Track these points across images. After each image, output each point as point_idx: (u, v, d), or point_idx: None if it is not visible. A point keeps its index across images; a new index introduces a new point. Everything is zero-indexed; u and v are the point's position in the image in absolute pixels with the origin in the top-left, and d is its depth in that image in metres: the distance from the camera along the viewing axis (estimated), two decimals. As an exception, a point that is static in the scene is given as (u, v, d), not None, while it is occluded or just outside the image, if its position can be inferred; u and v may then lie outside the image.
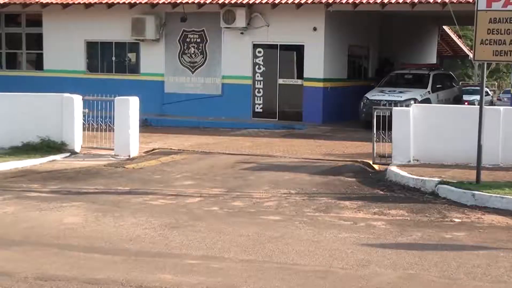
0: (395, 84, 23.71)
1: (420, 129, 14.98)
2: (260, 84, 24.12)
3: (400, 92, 22.59)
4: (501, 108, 15.91)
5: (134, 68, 26.08)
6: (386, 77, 24.67)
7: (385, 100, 21.50)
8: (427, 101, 22.19)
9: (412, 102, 20.29)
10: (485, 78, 13.53)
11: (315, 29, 23.20)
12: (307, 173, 14.56)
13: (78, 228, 9.88)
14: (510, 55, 11.99)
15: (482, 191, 11.60)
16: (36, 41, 27.06)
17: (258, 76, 24.07)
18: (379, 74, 27.31)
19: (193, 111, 24.33)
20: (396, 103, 20.13)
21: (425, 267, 8.06)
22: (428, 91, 23.31)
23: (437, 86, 24.14)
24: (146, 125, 22.14)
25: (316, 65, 23.26)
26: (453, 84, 27.02)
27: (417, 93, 22.72)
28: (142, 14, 24.76)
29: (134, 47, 25.88)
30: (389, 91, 22.67)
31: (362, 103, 22.47)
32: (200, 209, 11.16)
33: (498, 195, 11.37)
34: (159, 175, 14.28)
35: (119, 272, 7.73)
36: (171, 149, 17.87)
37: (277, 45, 24.01)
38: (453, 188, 12.00)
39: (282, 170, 14.86)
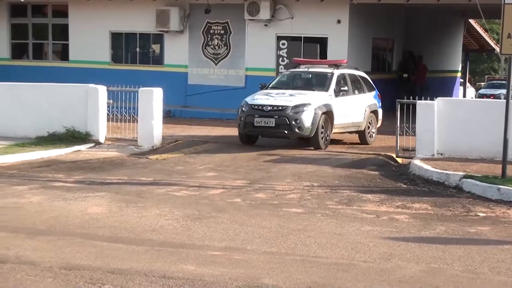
0: (288, 85, 18.26)
1: (445, 123, 14.90)
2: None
3: (291, 95, 16.98)
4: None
5: (158, 60, 26.11)
6: (277, 77, 19.59)
7: (270, 106, 16.38)
8: (327, 107, 16.90)
9: (305, 108, 16.25)
10: None
11: (339, 21, 23.10)
12: (330, 166, 14.54)
13: (102, 218, 9.94)
14: (537, 49, 11.90)
15: (508, 186, 11.53)
16: (62, 32, 27.14)
17: (281, 68, 23.99)
18: (403, 67, 27.17)
19: (216, 102, 24.32)
20: (284, 109, 16.23)
21: (448, 261, 8.03)
22: (330, 95, 17.30)
23: (342, 89, 17.80)
24: (169, 116, 22.21)
25: (340, 57, 23.08)
26: (367, 89, 19.30)
27: (314, 97, 16.92)
28: (166, 6, 24.78)
29: (158, 38, 25.91)
30: (277, 94, 17.09)
31: (240, 109, 16.96)
32: (223, 200, 11.18)
33: (524, 190, 11.32)
34: (182, 166, 14.32)
35: (142, 263, 7.77)
36: (194, 140, 17.91)
37: (301, 37, 23.91)
38: (478, 182, 11.93)
39: (304, 162, 14.86)
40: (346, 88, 17.79)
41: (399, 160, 15.16)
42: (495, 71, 57.20)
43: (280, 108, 16.32)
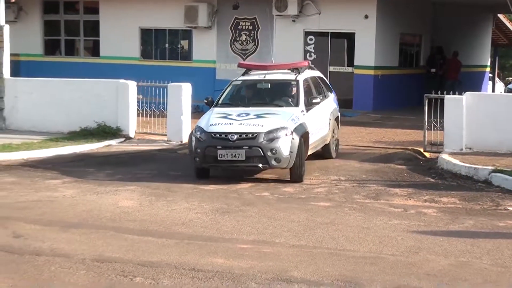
0: (244, 100, 13.99)
1: (473, 117, 14.78)
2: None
3: (258, 116, 12.66)
4: (556, 96, 15.65)
5: (187, 55, 26.16)
6: (226, 88, 14.28)
7: (236, 133, 12.15)
8: (303, 128, 12.68)
9: (280, 134, 12.16)
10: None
11: (366, 17, 22.99)
12: (357, 160, 14.51)
13: (133, 211, 10.02)
14: None
15: (537, 180, 11.46)
16: (93, 28, 27.28)
17: (309, 62, 23.94)
18: (431, 63, 27.00)
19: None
20: (255, 137, 12.11)
21: (477, 255, 7.99)
22: (302, 111, 13.19)
23: (314, 101, 13.75)
24: (198, 112, 22.18)
25: (367, 53, 23.06)
26: (327, 91, 15.55)
27: (286, 117, 12.72)
28: (194, 2, 24.80)
29: (187, 34, 25.95)
30: (239, 116, 12.76)
31: (192, 137, 12.68)
32: (251, 194, 11.22)
33: (553, 185, 11.22)
34: (211, 160, 14.34)
35: (172, 255, 7.83)
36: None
37: (328, 32, 23.84)
38: (507, 176, 11.84)
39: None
40: (317, 99, 13.82)
41: (427, 154, 15.07)
42: (524, 66, 56.61)
43: (250, 136, 12.16)
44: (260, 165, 12.21)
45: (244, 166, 12.34)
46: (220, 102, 13.76)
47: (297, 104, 13.33)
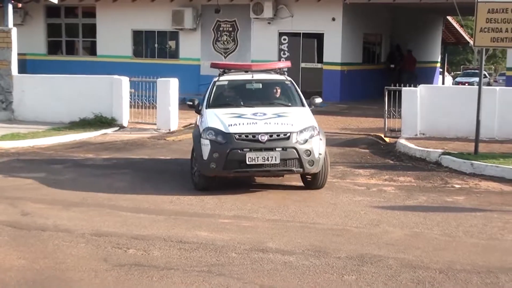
0: (241, 99, 11.19)
1: (426, 107, 14.89)
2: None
3: (277, 115, 10.24)
4: (497, 88, 15.79)
5: (174, 54, 26.10)
6: (210, 89, 11.38)
7: (266, 133, 9.63)
8: (319, 128, 10.23)
9: (313, 133, 9.88)
10: (483, 62, 13.42)
11: (333, 19, 23.05)
12: (326, 145, 14.49)
13: (127, 191, 10.00)
14: (506, 42, 11.88)
15: (480, 161, 11.53)
16: (91, 30, 27.14)
17: (282, 60, 23.95)
18: (390, 59, 27.09)
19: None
20: (288, 137, 9.65)
21: (428, 226, 8.06)
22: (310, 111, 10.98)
23: (314, 99, 11.30)
24: (184, 103, 22.08)
25: (334, 51, 23.12)
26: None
27: (306, 115, 10.54)
28: (181, 7, 24.78)
29: (174, 35, 25.89)
30: (255, 115, 10.23)
31: (205, 141, 9.83)
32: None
33: (493, 165, 11.29)
34: (196, 146, 14.33)
35: (161, 230, 7.83)
36: (207, 124, 17.88)
37: (300, 33, 23.87)
38: (454, 158, 11.95)
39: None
40: (319, 98, 11.44)
41: (387, 139, 15.15)
42: (469, 62, 56.99)
43: (283, 135, 9.71)
44: (295, 169, 9.71)
45: (276, 171, 9.75)
46: (211, 103, 10.94)
47: (303, 104, 11.09)
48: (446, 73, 34.48)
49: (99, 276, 6.26)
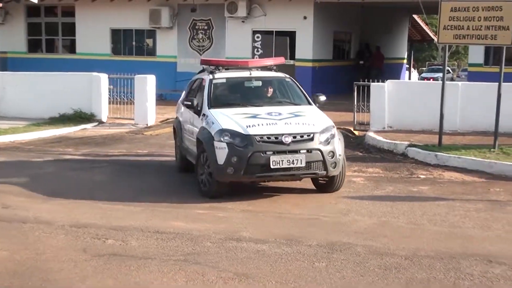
0: (243, 98, 10.13)
1: (394, 101, 14.97)
2: (259, 64, 23.99)
3: (294, 114, 9.30)
4: (460, 83, 15.92)
5: (151, 51, 25.92)
6: (208, 89, 10.00)
7: (289, 134, 8.65)
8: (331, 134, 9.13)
9: (333, 132, 9.09)
10: (446, 58, 13.54)
11: (305, 17, 23.04)
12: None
13: (105, 184, 9.95)
14: (468, 39, 11.97)
15: (443, 153, 11.63)
16: (70, 29, 26.85)
17: (256, 58, 23.93)
18: (360, 56, 27.20)
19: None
20: (312, 137, 8.74)
21: (395, 215, 8.12)
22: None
23: (318, 97, 10.69)
24: (161, 99, 22.03)
25: (306, 48, 23.12)
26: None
27: (319, 115, 9.63)
28: (158, 6, 24.63)
29: (151, 33, 25.69)
30: (270, 114, 9.18)
31: (221, 144, 8.75)
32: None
33: (456, 156, 11.39)
34: (172, 140, 14.18)
35: (139, 221, 7.79)
36: (183, 119, 17.85)
37: (273, 31, 23.82)
38: (419, 150, 12.03)
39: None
40: (323, 96, 10.80)
41: (356, 132, 15.21)
42: (434, 58, 57.34)
43: (307, 136, 8.77)
44: (319, 172, 8.81)
45: (301, 175, 8.84)
46: (214, 103, 9.70)
47: (309, 102, 10.22)
48: (412, 69, 34.69)
49: (78, 266, 6.22)
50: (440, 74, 28.52)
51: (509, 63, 18.40)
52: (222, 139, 8.75)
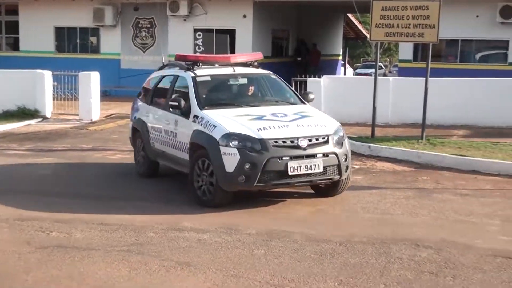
0: (234, 97, 9.17)
1: (329, 95, 15.15)
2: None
3: (301, 116, 8.38)
4: (391, 78, 16.22)
5: (95, 49, 25.58)
6: (194, 88, 8.78)
7: (304, 137, 7.79)
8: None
9: (343, 134, 8.29)
10: (379, 55, 13.75)
11: (244, 16, 23.10)
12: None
13: (50, 178, 9.76)
14: (398, 36, 12.16)
15: (376, 144, 11.82)
16: (14, 27, 26.26)
17: (198, 54, 23.87)
18: (297, 53, 27.39)
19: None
20: (327, 140, 7.93)
21: (331, 204, 8.20)
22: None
23: (308, 95, 9.57)
24: (106, 95, 21.71)
25: (246, 45, 23.12)
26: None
27: (323, 115, 8.87)
28: (101, 5, 24.32)
29: (95, 31, 25.35)
30: (274, 115, 8.19)
31: (231, 149, 7.64)
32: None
33: (387, 147, 11.59)
34: (116, 135, 14.11)
35: (83, 213, 7.67)
36: (126, 114, 17.56)
37: (214, 29, 23.79)
38: (354, 141, 12.14)
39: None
40: (312, 94, 9.59)
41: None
42: (368, 55, 58.16)
43: (322, 139, 7.93)
44: (334, 177, 8.00)
45: (317, 180, 7.96)
46: (205, 103, 8.55)
47: (302, 100, 9.23)
48: (347, 65, 35.08)
49: (22, 258, 6.08)
50: (373, 70, 29.03)
51: (435, 59, 18.87)
52: (230, 144, 7.65)
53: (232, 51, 23.42)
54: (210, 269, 5.78)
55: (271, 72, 9.82)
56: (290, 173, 7.59)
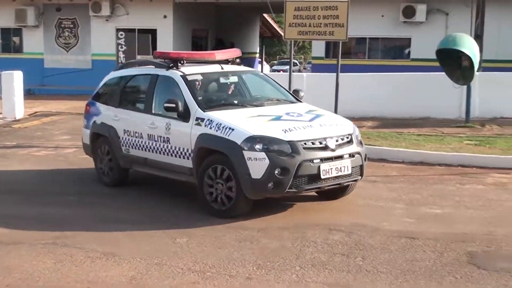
0: (231, 96, 8.22)
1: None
2: (123, 59, 23.60)
3: (317, 115, 7.62)
4: (304, 74, 16.47)
5: (19, 49, 24.85)
6: (190, 88, 7.64)
7: (332, 137, 7.04)
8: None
9: (359, 134, 7.63)
10: (293, 52, 13.89)
11: (165, 16, 22.96)
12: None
13: (-26, 176, 9.42)
14: (310, 35, 12.32)
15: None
16: None
17: (121, 54, 23.55)
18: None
19: (69, 82, 23.41)
20: (350, 139, 7.27)
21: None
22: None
23: (299, 92, 8.83)
24: (30, 94, 21.10)
25: (167, 44, 22.96)
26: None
27: (330, 113, 8.07)
28: (23, 6, 23.69)
29: (18, 31, 24.64)
30: (289, 114, 7.38)
31: (259, 153, 6.67)
32: (76, 157, 10.85)
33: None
34: (41, 132, 13.74)
35: (8, 207, 7.47)
36: (50, 112, 17.22)
37: (135, 29, 23.55)
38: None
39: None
40: (302, 92, 8.84)
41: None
42: (284, 52, 58.70)
43: (346, 138, 7.25)
44: (358, 178, 7.39)
45: (345, 182, 7.23)
46: (206, 104, 7.55)
47: (298, 99, 8.51)
48: (264, 62, 35.36)
49: None
50: (288, 67, 29.41)
51: (346, 56, 19.29)
52: (256, 147, 6.69)
53: (154, 49, 23.21)
54: (134, 258, 5.73)
55: (255, 69, 9.08)
56: (322, 177, 6.83)
